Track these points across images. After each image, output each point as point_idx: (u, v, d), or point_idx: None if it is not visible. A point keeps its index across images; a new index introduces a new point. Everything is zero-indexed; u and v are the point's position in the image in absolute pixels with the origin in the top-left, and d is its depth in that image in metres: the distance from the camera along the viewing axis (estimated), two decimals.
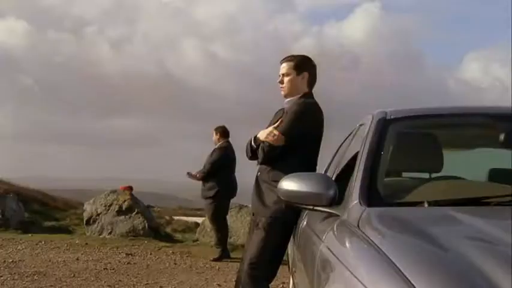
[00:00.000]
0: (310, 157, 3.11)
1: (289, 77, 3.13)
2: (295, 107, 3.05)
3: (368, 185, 2.01)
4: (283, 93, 3.18)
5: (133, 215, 8.77)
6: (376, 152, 2.16)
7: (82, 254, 7.17)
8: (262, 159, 3.07)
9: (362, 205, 1.90)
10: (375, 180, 2.04)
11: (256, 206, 3.10)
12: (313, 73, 3.18)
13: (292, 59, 3.16)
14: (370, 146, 2.19)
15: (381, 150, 2.18)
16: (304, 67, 3.14)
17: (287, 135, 2.98)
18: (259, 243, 2.96)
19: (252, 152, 3.15)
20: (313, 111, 3.08)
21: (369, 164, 2.10)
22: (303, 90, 3.14)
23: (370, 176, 2.05)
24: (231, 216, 8.30)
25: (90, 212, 8.91)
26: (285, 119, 3.04)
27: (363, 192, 1.96)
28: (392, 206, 1.92)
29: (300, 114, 3.02)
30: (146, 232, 8.63)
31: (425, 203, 1.82)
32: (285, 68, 3.16)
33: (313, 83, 3.19)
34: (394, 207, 1.89)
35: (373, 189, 2.00)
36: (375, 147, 2.18)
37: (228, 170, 7.10)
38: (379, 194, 2.00)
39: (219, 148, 7.14)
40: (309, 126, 3.03)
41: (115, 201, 8.91)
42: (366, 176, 2.04)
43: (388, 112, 2.43)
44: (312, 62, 3.20)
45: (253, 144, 3.12)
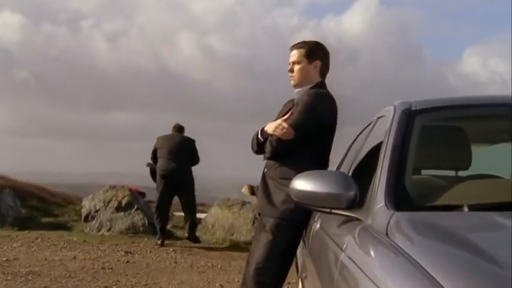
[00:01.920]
0: (322, 152, 2.86)
1: (299, 66, 2.87)
2: (306, 98, 2.79)
3: (395, 185, 1.75)
4: (293, 83, 2.92)
5: (132, 211, 8.53)
6: (402, 147, 1.91)
7: (79, 252, 6.93)
8: (269, 154, 2.82)
9: (389, 209, 1.64)
10: (402, 180, 1.79)
11: (263, 205, 2.85)
12: (325, 61, 2.92)
13: (303, 45, 2.90)
14: (395, 141, 1.93)
15: (407, 146, 1.92)
16: (316, 54, 2.88)
17: (297, 128, 2.72)
18: (266, 247, 2.71)
19: (258, 146, 2.89)
20: (326, 102, 2.82)
21: (394, 161, 1.84)
22: (315, 80, 2.88)
23: (396, 174, 1.79)
24: (233, 213, 8.08)
25: (88, 208, 8.67)
26: (295, 111, 2.79)
27: (390, 194, 1.71)
28: (425, 209, 1.66)
29: (311, 105, 2.76)
30: (146, 229, 8.39)
31: (465, 207, 1.56)
32: (295, 56, 2.90)
33: (325, 71, 2.93)
34: (428, 211, 1.63)
35: (401, 190, 1.74)
36: (400, 142, 1.92)
37: None
38: (408, 195, 1.75)
39: None
40: (321, 119, 2.77)
41: (114, 197, 8.67)
42: (392, 175, 1.78)
43: (413, 103, 2.17)
44: (324, 48, 2.94)
45: (260, 137, 2.86)
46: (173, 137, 7.64)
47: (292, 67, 2.90)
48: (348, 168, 2.58)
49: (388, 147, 1.92)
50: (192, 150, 7.65)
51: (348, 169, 2.58)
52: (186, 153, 7.54)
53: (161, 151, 7.50)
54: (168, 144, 7.50)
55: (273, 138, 2.77)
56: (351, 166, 2.56)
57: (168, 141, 7.54)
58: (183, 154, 7.49)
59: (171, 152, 7.44)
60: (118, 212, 8.53)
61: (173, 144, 7.51)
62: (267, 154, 2.84)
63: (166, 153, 7.44)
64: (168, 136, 7.65)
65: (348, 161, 2.88)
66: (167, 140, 7.56)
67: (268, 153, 2.82)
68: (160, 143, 7.56)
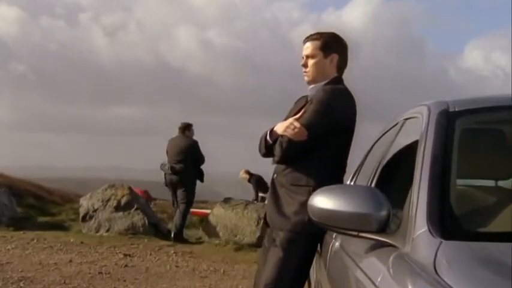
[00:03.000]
0: (339, 156, 2.54)
1: (314, 60, 2.55)
2: (321, 94, 2.47)
3: (439, 204, 1.43)
4: (306, 79, 2.60)
5: (132, 211, 8.23)
6: (444, 156, 1.59)
7: (76, 255, 6.63)
8: (279, 158, 2.50)
9: (435, 236, 1.33)
10: (447, 197, 1.47)
11: (272, 216, 2.54)
12: (343, 55, 2.60)
13: (319, 37, 2.58)
14: (435, 149, 1.61)
15: (449, 154, 1.61)
16: (332, 47, 2.56)
17: (311, 129, 2.41)
18: (276, 265, 2.39)
19: (266, 148, 2.57)
20: (344, 99, 2.50)
21: (436, 173, 1.52)
22: (331, 75, 2.56)
23: (440, 190, 1.48)
24: (236, 213, 7.78)
25: (86, 207, 8.37)
26: (308, 109, 2.47)
27: (434, 216, 1.39)
28: (479, 238, 1.34)
29: (327, 102, 2.44)
30: (146, 229, 8.10)
31: None
32: (309, 49, 2.58)
33: (343, 66, 2.61)
34: (484, 241, 1.31)
35: (447, 211, 1.43)
36: (441, 150, 1.61)
37: None
38: (455, 218, 1.43)
39: None
40: (338, 118, 2.45)
41: (113, 196, 8.37)
42: (435, 192, 1.47)
43: (449, 103, 1.85)
44: (342, 40, 2.62)
45: (269, 139, 2.54)
46: (175, 141, 8.03)
47: (305, 61, 2.59)
48: (369, 178, 2.26)
49: (426, 156, 1.61)
50: (195, 151, 7.96)
51: (368, 180, 2.26)
52: (188, 156, 7.86)
53: (168, 154, 8.05)
54: (171, 148, 7.99)
55: (283, 140, 2.46)
56: (372, 176, 2.23)
57: (172, 145, 8.02)
58: (184, 157, 7.85)
59: (173, 156, 7.91)
60: (117, 211, 8.23)
61: (175, 148, 7.95)
62: (276, 157, 2.53)
63: (170, 157, 7.97)
64: (173, 139, 8.07)
65: (367, 169, 2.56)
66: (171, 143, 8.03)
67: (277, 156, 2.51)
68: (168, 145, 8.09)
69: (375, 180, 2.16)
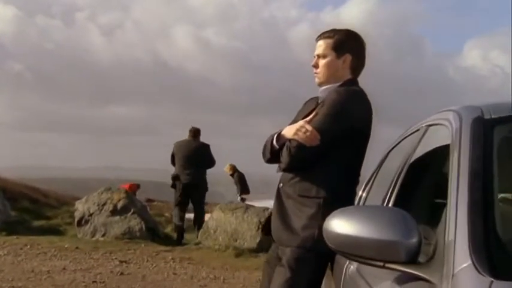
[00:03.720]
0: (353, 165, 2.30)
1: (326, 60, 2.32)
2: (334, 96, 2.24)
3: (483, 231, 1.20)
4: (317, 81, 2.37)
5: (129, 215, 7.99)
6: (485, 171, 1.35)
7: (70, 262, 6.39)
8: (286, 165, 2.26)
9: (482, 273, 1.09)
10: (491, 222, 1.23)
11: (278, 230, 2.30)
12: (359, 55, 2.36)
13: (332, 35, 2.34)
14: (473, 162, 1.38)
15: (490, 169, 1.37)
16: (346, 47, 2.32)
17: (323, 134, 2.17)
18: (283, 286, 2.15)
19: (271, 154, 2.33)
20: (359, 102, 2.26)
21: (477, 193, 1.29)
22: (345, 77, 2.33)
23: (484, 213, 1.24)
24: (236, 217, 7.54)
25: (82, 211, 8.12)
26: (320, 111, 2.23)
27: (478, 247, 1.16)
28: None
29: (341, 104, 2.21)
30: (143, 234, 7.86)
31: None
32: (321, 48, 2.34)
33: (358, 68, 2.37)
34: None
35: (495, 239, 1.19)
36: (481, 164, 1.37)
37: None
38: (504, 248, 1.20)
39: None
40: (353, 122, 2.21)
41: (109, 200, 8.13)
42: (478, 214, 1.23)
43: (484, 108, 1.61)
44: (359, 39, 2.37)
45: (276, 144, 2.30)
46: (188, 144, 8.08)
47: (316, 61, 2.35)
48: (386, 193, 2.01)
49: (463, 171, 1.37)
50: (207, 155, 8.11)
51: (385, 195, 2.01)
52: (200, 159, 8.00)
53: (177, 157, 8.03)
54: (183, 151, 8.00)
55: (291, 145, 2.22)
56: (390, 191, 1.99)
57: (183, 147, 8.03)
58: (197, 160, 7.95)
59: (186, 159, 7.94)
60: (113, 215, 7.99)
61: (188, 151, 7.99)
62: (282, 164, 2.29)
63: (181, 159, 7.96)
64: (184, 142, 8.09)
65: (382, 181, 2.31)
66: (183, 146, 8.05)
67: (284, 163, 2.27)
68: (177, 149, 8.07)
69: (394, 196, 1.92)
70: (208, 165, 8.14)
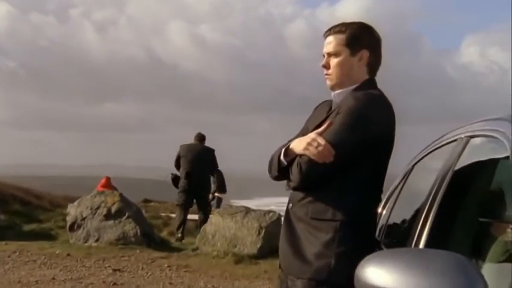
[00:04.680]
0: (374, 181, 1.98)
1: (338, 58, 1.99)
2: (351, 102, 1.91)
3: None
4: (329, 83, 2.04)
5: (123, 219, 7.65)
6: None
7: (60, 271, 6.06)
8: (297, 183, 1.94)
9: None
10: None
11: (287, 259, 1.98)
12: (376, 51, 2.03)
13: (344, 29, 2.01)
14: None
15: None
16: (362, 42, 1.99)
17: (339, 147, 1.85)
18: None
19: (279, 171, 2.01)
20: (381, 108, 1.93)
21: None
22: (361, 78, 2.00)
23: None
24: (235, 222, 7.22)
25: (74, 215, 7.79)
26: (335, 121, 1.91)
27: None
28: None
29: (360, 112, 1.88)
30: (138, 239, 7.53)
31: None
32: (331, 44, 2.01)
33: (375, 66, 2.04)
34: None
35: None
36: None
37: None
38: None
39: None
40: (374, 132, 1.89)
41: (102, 204, 7.79)
42: None
43: None
44: (374, 33, 2.05)
45: (283, 159, 1.98)
46: (195, 147, 8.35)
47: (327, 61, 2.02)
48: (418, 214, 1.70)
49: None
50: (212, 159, 8.39)
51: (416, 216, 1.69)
52: (206, 163, 8.27)
53: (183, 160, 8.23)
54: (189, 154, 8.23)
55: (302, 160, 1.90)
56: (424, 211, 1.67)
57: (190, 150, 8.28)
58: (203, 163, 8.20)
59: (192, 162, 8.16)
60: (107, 220, 7.66)
61: (194, 154, 8.23)
62: (292, 183, 1.97)
63: (188, 162, 8.16)
64: (190, 145, 8.36)
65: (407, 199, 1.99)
66: (189, 149, 8.30)
67: (294, 181, 1.95)
68: (183, 151, 8.29)
69: (432, 216, 1.60)
70: (212, 169, 8.52)
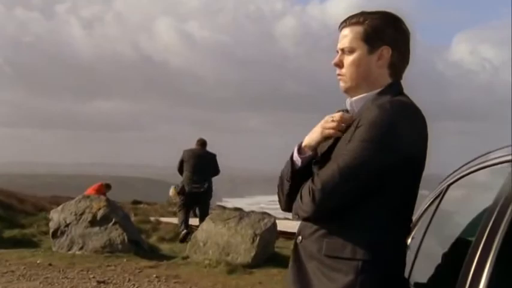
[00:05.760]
0: (403, 209, 1.59)
1: (353, 56, 1.62)
2: (375, 113, 1.52)
3: None
4: (343, 86, 1.66)
5: (109, 225, 7.24)
6: None
7: (41, 283, 5.64)
8: (309, 213, 1.56)
9: None
10: None
11: None
12: (402, 47, 1.65)
13: (361, 20, 1.63)
14: None
15: None
16: (383, 36, 1.61)
17: (361, 170, 1.49)
18: None
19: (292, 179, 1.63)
20: (412, 120, 1.55)
21: None
22: (383, 81, 1.63)
23: None
24: (228, 228, 6.83)
25: (57, 222, 7.36)
26: (355, 136, 1.53)
27: None
28: None
29: (387, 126, 1.50)
30: (125, 247, 7.12)
31: None
32: (347, 39, 1.63)
33: (401, 66, 1.65)
34: None
35: None
36: None
37: None
38: None
39: None
40: (403, 150, 1.50)
41: (87, 209, 7.37)
42: None
43: None
44: (400, 26, 1.65)
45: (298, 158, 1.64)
46: (198, 152, 8.52)
47: (340, 58, 1.65)
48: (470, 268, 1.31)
49: None
50: (214, 164, 8.58)
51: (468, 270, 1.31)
52: (208, 167, 8.46)
53: (187, 165, 8.43)
54: (192, 159, 8.42)
55: (315, 186, 1.52)
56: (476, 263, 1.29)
57: (193, 156, 8.46)
58: (205, 168, 8.41)
59: (195, 167, 8.36)
60: (92, 226, 7.24)
61: (197, 159, 8.42)
62: (302, 212, 1.58)
63: (191, 167, 8.37)
64: (193, 151, 8.55)
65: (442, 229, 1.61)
66: (192, 154, 8.48)
67: (305, 210, 1.56)
68: (186, 157, 8.48)
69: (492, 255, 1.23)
70: (214, 173, 8.61)
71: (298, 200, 1.59)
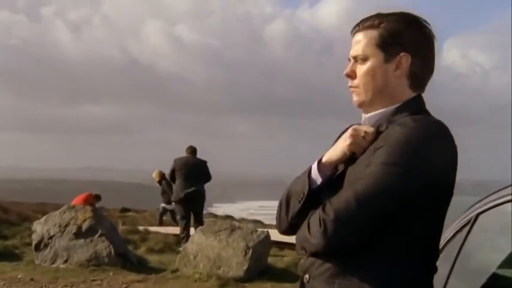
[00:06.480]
0: (428, 245, 1.34)
1: (367, 65, 1.38)
2: (397, 133, 1.28)
3: None
4: (356, 100, 1.42)
5: (95, 237, 6.94)
6: None
7: None
8: (318, 247, 1.31)
9: None
10: None
11: None
12: (423, 55, 1.39)
13: (377, 23, 1.39)
14: None
15: None
16: (401, 42, 1.37)
17: (381, 198, 1.24)
18: None
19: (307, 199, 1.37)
20: (441, 143, 1.30)
21: None
22: (402, 95, 1.38)
23: None
24: (220, 241, 6.56)
25: (40, 234, 7.04)
26: (375, 158, 1.29)
27: None
28: None
29: (412, 149, 1.26)
30: (112, 260, 6.82)
31: None
32: (360, 45, 1.39)
33: (424, 76, 1.40)
34: None
35: None
36: None
37: None
38: None
39: None
40: (429, 177, 1.26)
41: (72, 220, 7.07)
42: None
43: None
44: (421, 29, 1.39)
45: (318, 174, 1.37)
46: (189, 160, 8.56)
47: (352, 68, 1.41)
48: None
49: None
50: (205, 171, 8.62)
51: None
52: (200, 175, 8.50)
53: (179, 173, 8.43)
54: (184, 167, 8.44)
55: (327, 217, 1.27)
56: None
57: (184, 164, 8.49)
58: (197, 175, 8.45)
59: (187, 174, 8.39)
60: (77, 238, 6.94)
61: (189, 167, 8.45)
62: (310, 245, 1.32)
63: (183, 175, 8.38)
64: (184, 159, 8.58)
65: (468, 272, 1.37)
66: (184, 163, 8.51)
67: (314, 244, 1.30)
68: (178, 165, 8.49)
69: None
70: (206, 180, 8.64)
71: (304, 231, 1.34)
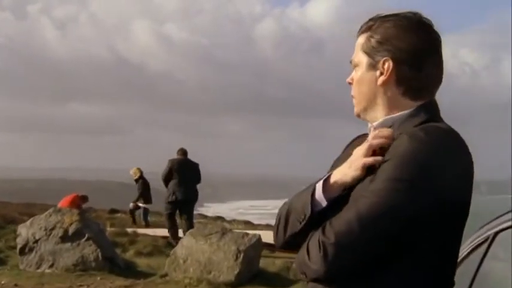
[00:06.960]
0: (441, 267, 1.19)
1: (358, 73, 1.28)
2: (406, 146, 1.14)
3: None
4: (355, 111, 1.31)
5: (82, 241, 6.76)
6: None
7: None
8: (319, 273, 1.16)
9: None
10: None
11: None
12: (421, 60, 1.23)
13: (370, 25, 1.27)
14: None
15: None
16: (388, 45, 1.23)
17: (388, 218, 1.11)
18: None
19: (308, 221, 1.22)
20: (453, 157, 1.15)
21: None
22: (399, 104, 1.24)
23: None
24: (210, 244, 6.40)
25: (25, 237, 6.85)
26: (380, 173, 1.14)
27: None
28: None
29: (420, 165, 1.12)
30: (99, 264, 6.65)
31: None
32: (355, 51, 1.30)
33: (422, 82, 1.24)
34: None
35: None
36: None
37: None
38: None
39: None
40: (443, 194, 1.12)
41: (58, 224, 6.89)
42: None
43: None
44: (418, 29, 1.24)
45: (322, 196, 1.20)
46: (184, 162, 8.84)
47: (353, 75, 1.31)
48: None
49: None
50: (198, 173, 8.99)
51: None
52: (192, 176, 8.82)
53: (175, 174, 8.66)
54: (181, 169, 8.72)
55: (327, 239, 1.12)
56: None
57: (181, 165, 8.77)
58: (190, 177, 8.76)
59: (184, 176, 8.68)
60: (63, 242, 6.76)
61: (185, 169, 8.76)
62: (310, 271, 1.17)
63: (179, 176, 8.66)
64: (180, 160, 8.85)
65: None
66: (181, 164, 8.79)
67: (315, 270, 1.16)
68: (176, 166, 8.74)
69: None
70: (197, 181, 8.96)
71: (304, 255, 1.20)
